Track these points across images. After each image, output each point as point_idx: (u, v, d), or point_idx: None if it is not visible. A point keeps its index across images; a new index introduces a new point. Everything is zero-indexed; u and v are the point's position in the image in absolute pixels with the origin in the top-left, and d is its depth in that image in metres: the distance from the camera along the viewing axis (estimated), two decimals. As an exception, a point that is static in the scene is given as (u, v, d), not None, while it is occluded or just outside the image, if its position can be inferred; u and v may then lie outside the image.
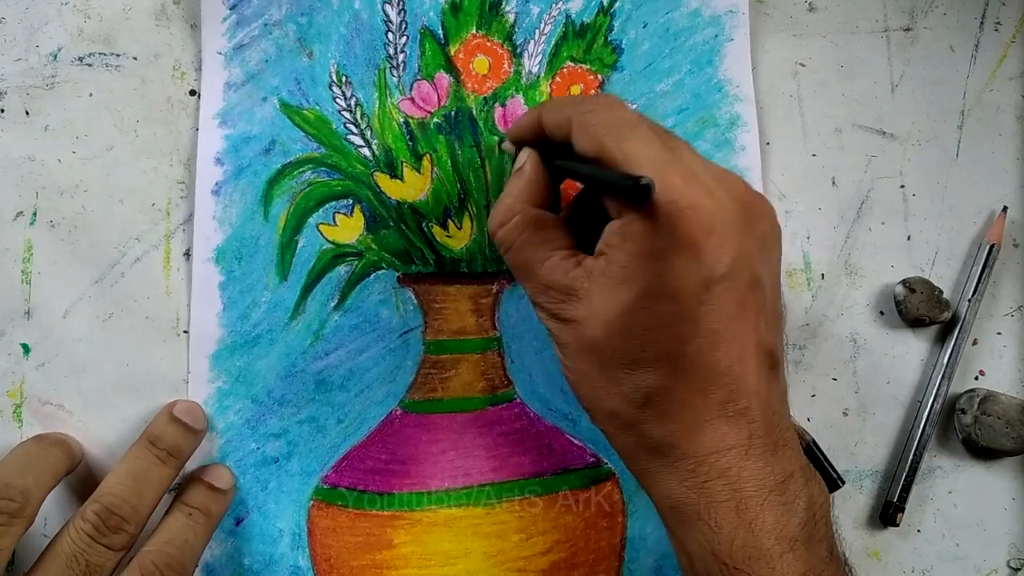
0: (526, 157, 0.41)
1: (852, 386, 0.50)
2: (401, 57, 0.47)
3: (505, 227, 0.39)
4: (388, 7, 0.47)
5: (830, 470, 0.46)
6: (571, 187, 0.46)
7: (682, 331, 0.35)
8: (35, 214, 0.45)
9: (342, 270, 0.46)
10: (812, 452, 0.46)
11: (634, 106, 0.48)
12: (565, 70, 0.48)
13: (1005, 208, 0.51)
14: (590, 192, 0.41)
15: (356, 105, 0.46)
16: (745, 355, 0.36)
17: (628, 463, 0.39)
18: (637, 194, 0.33)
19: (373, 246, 0.46)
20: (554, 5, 0.48)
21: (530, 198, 0.40)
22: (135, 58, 0.46)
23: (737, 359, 0.36)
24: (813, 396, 0.49)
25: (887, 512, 0.49)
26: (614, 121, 0.37)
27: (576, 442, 0.48)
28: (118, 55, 0.46)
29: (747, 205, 0.36)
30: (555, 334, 0.38)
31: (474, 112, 0.47)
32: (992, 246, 0.50)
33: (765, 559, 0.35)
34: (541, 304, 0.38)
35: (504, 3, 0.47)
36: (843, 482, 0.46)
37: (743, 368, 0.36)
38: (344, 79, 0.46)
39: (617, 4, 0.48)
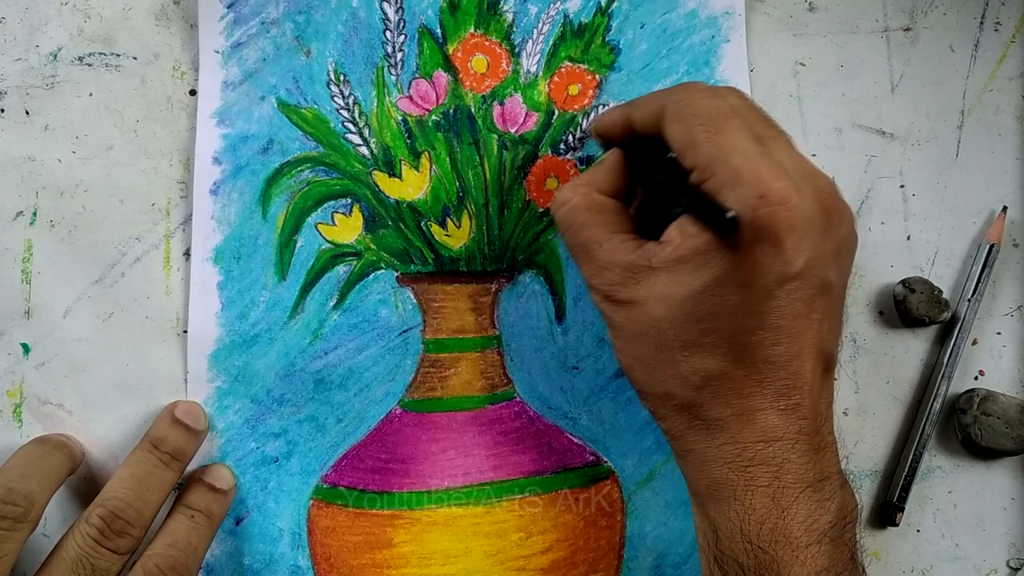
0: (611, 152, 0.41)
1: (852, 386, 0.50)
2: (399, 56, 0.47)
3: (566, 206, 0.40)
4: (386, 5, 0.47)
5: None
6: None
7: (746, 322, 0.36)
8: (35, 214, 0.45)
9: (341, 270, 0.46)
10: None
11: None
12: (563, 69, 0.48)
13: (1005, 208, 0.51)
14: (654, 185, 0.41)
15: (354, 104, 0.46)
16: (804, 354, 0.37)
17: (674, 443, 0.39)
18: (724, 225, 0.34)
19: (372, 246, 0.47)
20: (552, 5, 0.47)
21: (600, 185, 0.40)
22: (135, 58, 0.46)
23: (795, 356, 0.36)
24: (812, 396, 0.49)
25: (887, 512, 0.49)
26: (710, 111, 0.37)
27: (576, 440, 0.48)
28: (118, 55, 0.46)
29: (830, 208, 0.37)
30: (609, 316, 0.39)
31: (472, 110, 0.47)
32: (992, 246, 0.50)
33: (791, 546, 0.36)
34: (596, 286, 0.39)
35: (502, 2, 0.47)
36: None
37: (800, 366, 0.37)
38: (342, 78, 0.46)
39: (615, 4, 0.48)
